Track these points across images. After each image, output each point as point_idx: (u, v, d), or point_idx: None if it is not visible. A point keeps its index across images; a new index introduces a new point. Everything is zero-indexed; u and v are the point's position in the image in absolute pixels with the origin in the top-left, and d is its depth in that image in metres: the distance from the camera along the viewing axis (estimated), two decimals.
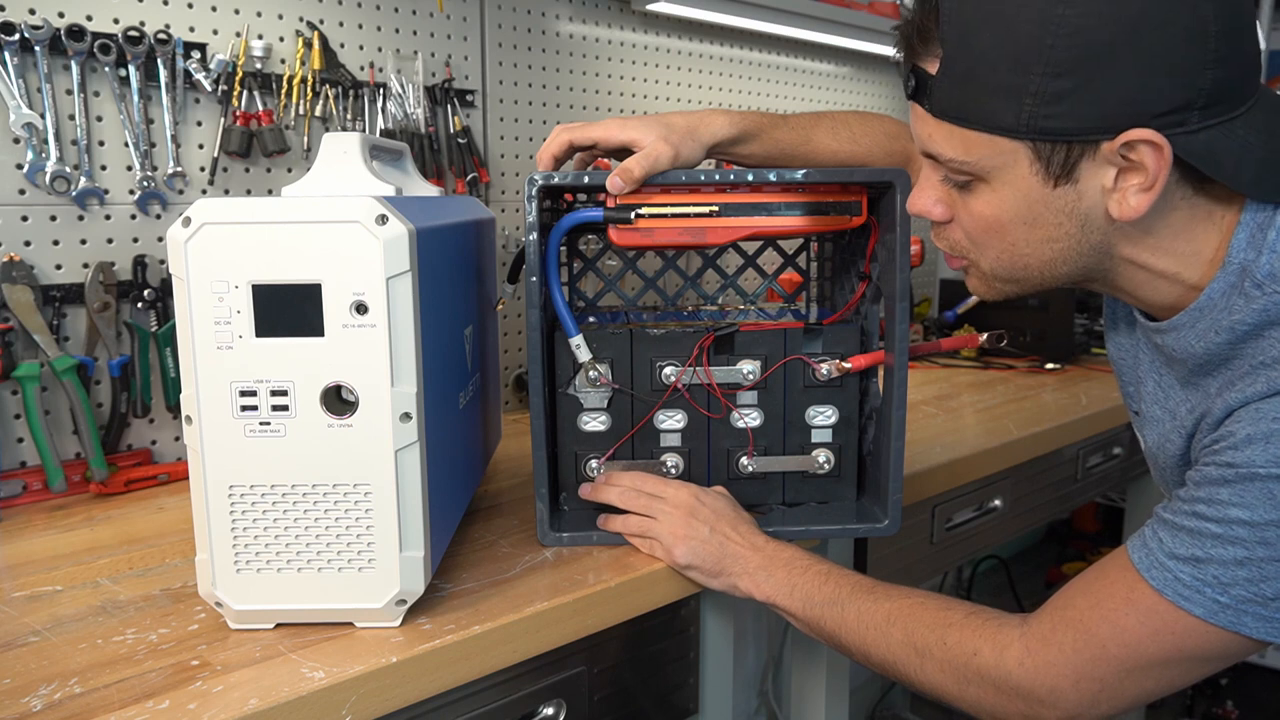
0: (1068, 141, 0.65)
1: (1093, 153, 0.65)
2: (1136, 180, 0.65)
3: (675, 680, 0.98)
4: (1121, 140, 0.63)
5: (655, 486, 0.92)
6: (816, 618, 0.84)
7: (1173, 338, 0.73)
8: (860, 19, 1.83)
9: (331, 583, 0.73)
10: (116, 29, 1.10)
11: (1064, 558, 2.82)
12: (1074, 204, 0.67)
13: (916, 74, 0.71)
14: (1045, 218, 0.68)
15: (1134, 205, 0.65)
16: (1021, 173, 0.67)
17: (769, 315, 1.10)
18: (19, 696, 0.65)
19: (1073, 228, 0.69)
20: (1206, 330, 0.69)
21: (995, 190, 0.69)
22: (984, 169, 0.69)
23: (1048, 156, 0.66)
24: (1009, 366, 1.86)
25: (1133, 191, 0.65)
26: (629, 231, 0.91)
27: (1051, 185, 0.67)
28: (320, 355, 0.70)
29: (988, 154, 0.68)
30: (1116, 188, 0.66)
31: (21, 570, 0.88)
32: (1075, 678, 0.70)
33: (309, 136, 1.26)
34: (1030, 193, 0.68)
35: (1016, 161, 0.67)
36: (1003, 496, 1.40)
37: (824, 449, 0.98)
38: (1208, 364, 0.71)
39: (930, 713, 2.21)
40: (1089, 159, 0.65)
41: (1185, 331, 0.71)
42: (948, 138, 0.70)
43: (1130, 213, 0.65)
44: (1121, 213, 0.66)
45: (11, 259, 1.05)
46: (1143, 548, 0.69)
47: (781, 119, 0.98)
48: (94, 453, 1.09)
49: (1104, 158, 0.65)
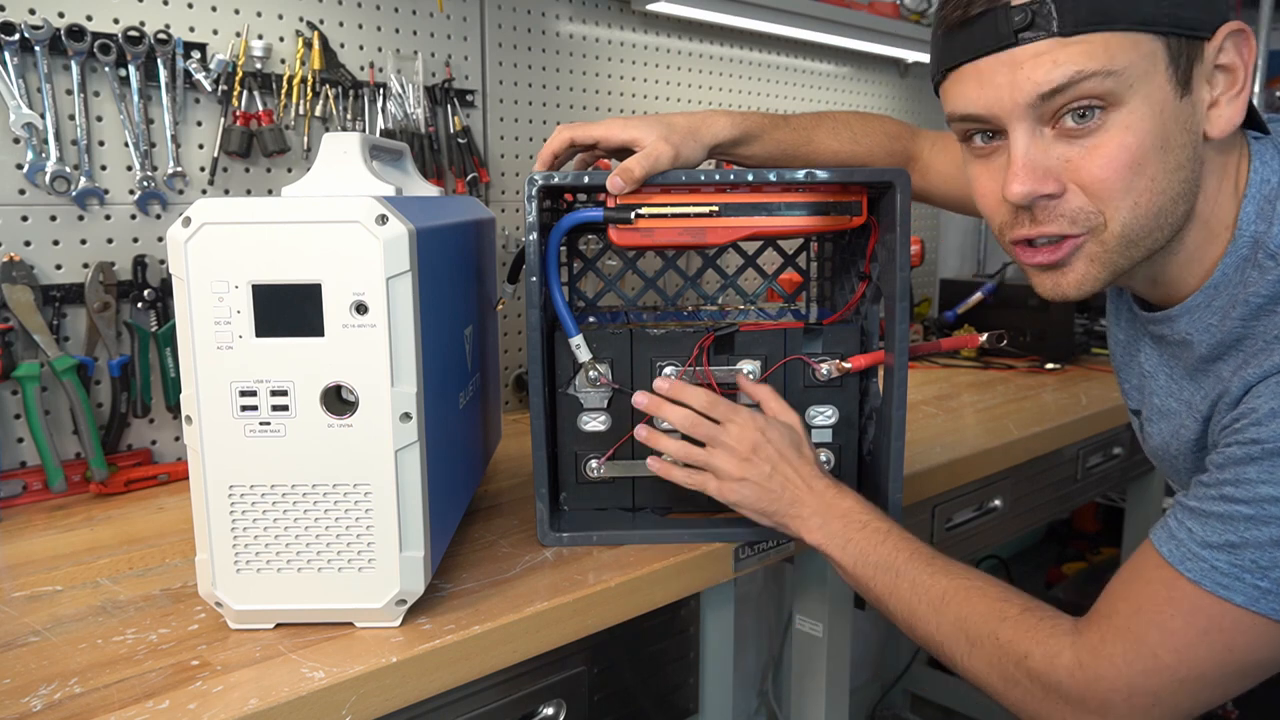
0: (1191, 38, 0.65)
1: (1200, 56, 0.66)
2: (1227, 86, 0.66)
3: (675, 680, 0.98)
4: (1222, 34, 0.65)
5: (725, 412, 0.87)
6: (867, 577, 0.81)
7: (1185, 323, 0.72)
8: (860, 19, 1.83)
9: (331, 583, 0.73)
10: (116, 29, 1.10)
11: (1064, 558, 2.82)
12: (1190, 119, 0.67)
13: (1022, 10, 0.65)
14: (1175, 138, 0.66)
15: (1229, 115, 0.67)
16: (1159, 81, 0.65)
17: (769, 315, 1.10)
18: (19, 696, 0.65)
19: (1191, 150, 0.68)
20: (1225, 308, 0.69)
21: (1132, 111, 0.65)
22: (1129, 80, 0.64)
23: (1179, 57, 0.65)
24: (1009, 366, 1.86)
25: (1226, 101, 0.66)
26: (629, 231, 0.91)
27: (1178, 95, 0.66)
28: (320, 355, 0.70)
29: (1135, 58, 0.64)
30: (1214, 100, 0.67)
31: (21, 570, 0.88)
32: (1128, 692, 0.67)
33: (309, 136, 1.26)
34: (1164, 106, 0.66)
35: (1156, 66, 0.65)
36: (1003, 496, 1.40)
37: (824, 449, 0.98)
38: (1221, 347, 0.70)
39: (930, 713, 2.21)
40: (1199, 63, 0.66)
41: (1201, 313, 0.71)
42: (1087, 53, 0.64)
43: (1225, 124, 0.67)
44: (1218, 127, 0.67)
45: (11, 259, 1.05)
46: (1171, 540, 0.66)
47: (783, 119, 0.98)
48: (94, 453, 1.09)
49: (1208, 62, 0.66)
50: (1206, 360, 0.72)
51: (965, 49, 0.69)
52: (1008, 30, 0.66)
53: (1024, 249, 0.72)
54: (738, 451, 0.85)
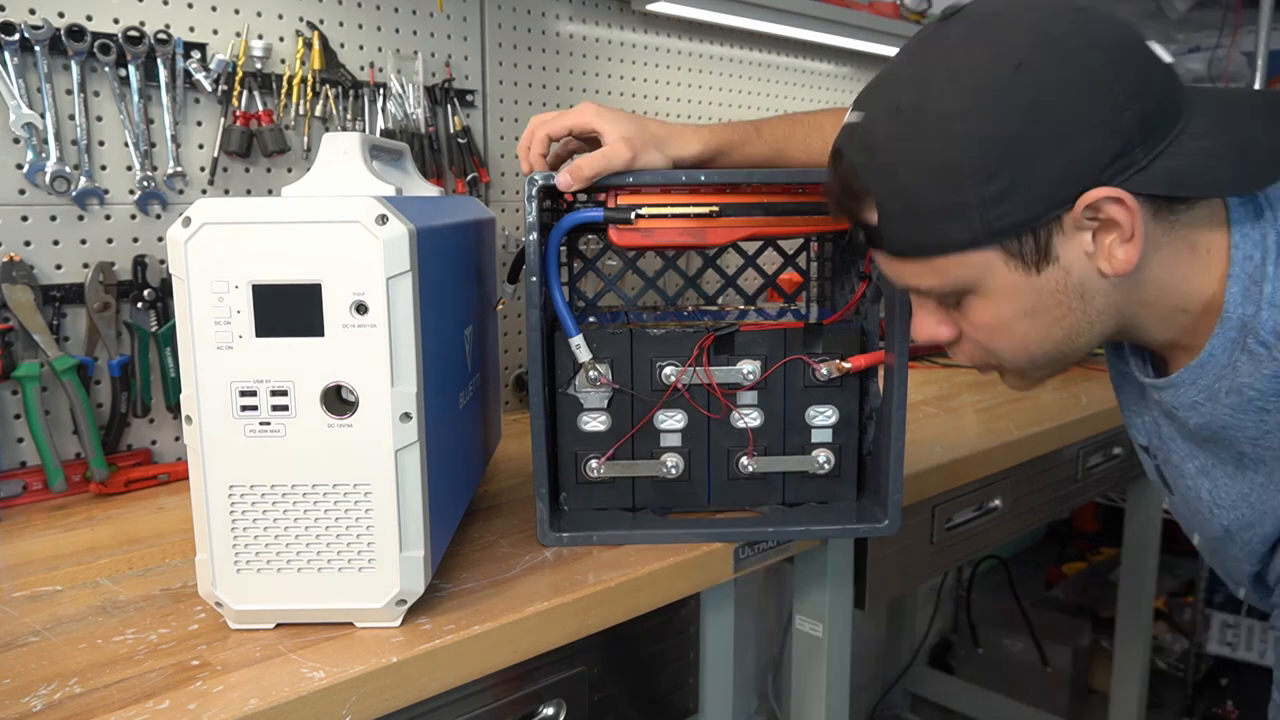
0: (1031, 230, 0.64)
1: (1059, 228, 0.64)
2: (1113, 235, 0.64)
3: (675, 680, 0.98)
4: (1081, 205, 0.62)
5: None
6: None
7: (1170, 395, 0.72)
8: (860, 19, 1.83)
9: (331, 583, 0.73)
10: (116, 29, 1.10)
11: (1064, 558, 2.82)
12: (1064, 280, 0.66)
13: (863, 227, 0.71)
14: (1043, 303, 0.68)
15: (1123, 259, 0.64)
16: (1001, 275, 0.66)
17: (769, 315, 1.10)
18: (19, 696, 0.65)
19: (1074, 302, 0.68)
20: (1210, 389, 0.68)
21: (985, 296, 0.69)
22: (966, 284, 0.68)
23: (1019, 251, 0.65)
24: None
25: (1116, 246, 0.64)
26: (629, 231, 0.90)
27: (1035, 272, 0.66)
28: (320, 355, 0.70)
29: (962, 272, 0.67)
30: (1098, 248, 0.65)
31: (21, 570, 0.88)
32: None
33: (309, 136, 1.26)
34: (1019, 287, 0.67)
35: (992, 267, 0.66)
36: (1003, 496, 1.40)
37: (824, 449, 0.98)
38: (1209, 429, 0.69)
39: (930, 713, 2.21)
40: (1059, 235, 0.64)
41: (1187, 389, 0.70)
42: (918, 272, 0.70)
43: (1123, 265, 0.64)
44: (1114, 268, 0.65)
45: (11, 259, 1.05)
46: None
47: (756, 132, 0.98)
48: (94, 453, 1.09)
49: (1073, 226, 0.64)
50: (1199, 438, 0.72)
51: None
52: (859, 240, 0.73)
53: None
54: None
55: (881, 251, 0.71)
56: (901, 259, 0.70)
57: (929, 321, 0.75)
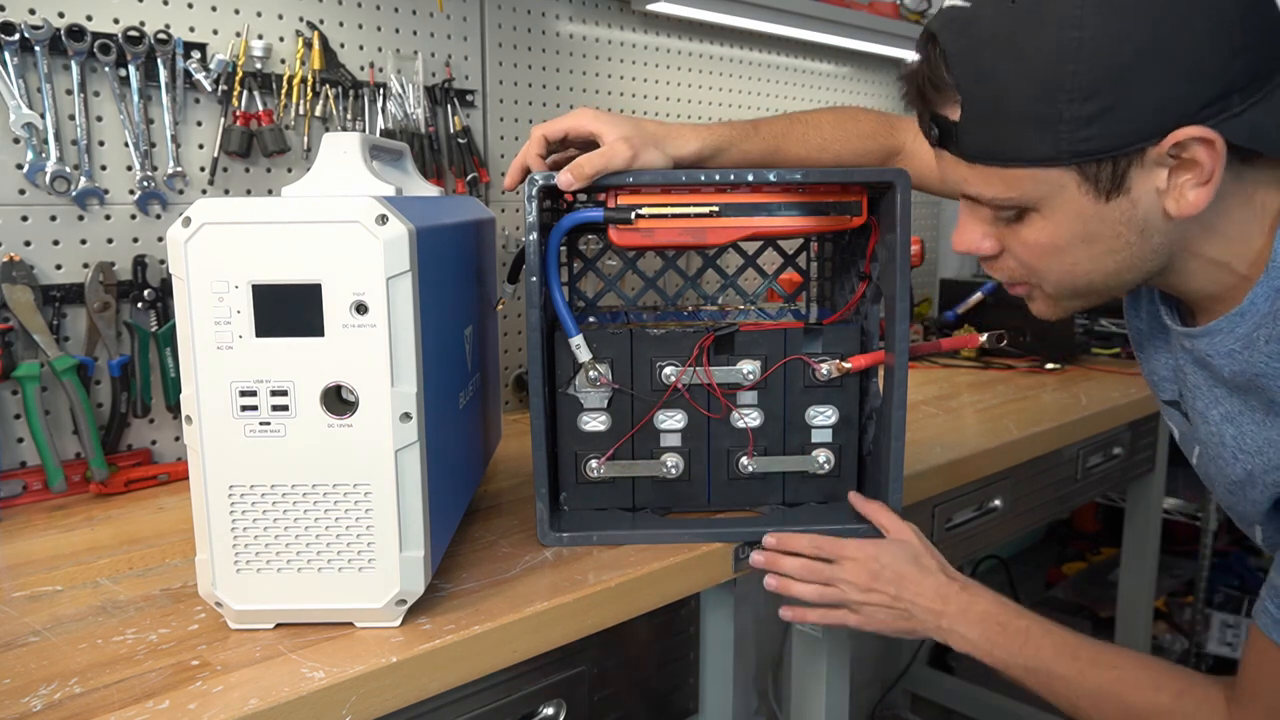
0: (1113, 157, 0.63)
1: (1140, 160, 0.63)
2: (1189, 176, 0.63)
3: (675, 680, 0.98)
4: (1170, 142, 0.62)
5: (832, 550, 0.90)
6: (1019, 678, 0.84)
7: (1206, 343, 0.71)
8: (860, 19, 1.83)
9: (331, 583, 0.73)
10: (116, 29, 1.10)
11: (1064, 558, 2.82)
12: (1129, 213, 0.66)
13: (938, 122, 0.69)
14: (1103, 232, 0.67)
15: (1193, 201, 0.64)
16: (1071, 196, 0.66)
17: (769, 315, 1.10)
18: (19, 696, 0.65)
19: (1132, 236, 0.67)
20: (1248, 338, 0.67)
21: (1047, 217, 0.68)
22: (1032, 200, 0.67)
23: (1094, 176, 0.64)
24: (1009, 366, 1.86)
25: (1189, 187, 0.63)
26: (629, 231, 0.91)
27: (1104, 200, 0.65)
28: (320, 355, 0.70)
29: (1033, 187, 0.66)
30: (1170, 187, 0.64)
31: (21, 570, 0.88)
32: None
33: (309, 136, 1.26)
34: (1084, 212, 0.66)
35: (1064, 187, 0.65)
36: (1003, 496, 1.40)
37: (824, 449, 0.98)
38: (1245, 375, 0.69)
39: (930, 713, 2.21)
40: (1138, 167, 0.64)
41: (1224, 336, 0.69)
42: (986, 179, 0.68)
43: (1190, 208, 0.64)
44: (1180, 210, 0.64)
45: (11, 259, 1.05)
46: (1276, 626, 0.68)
47: (753, 129, 0.98)
48: (94, 453, 1.09)
49: (1153, 161, 0.63)
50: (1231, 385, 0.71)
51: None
52: (932, 135, 0.71)
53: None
54: (858, 585, 0.88)
55: (950, 153, 0.69)
56: (972, 163, 0.68)
57: (975, 233, 0.73)
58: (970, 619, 0.86)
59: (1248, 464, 0.72)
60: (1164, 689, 0.77)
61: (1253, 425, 0.71)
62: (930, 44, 0.68)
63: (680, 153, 0.92)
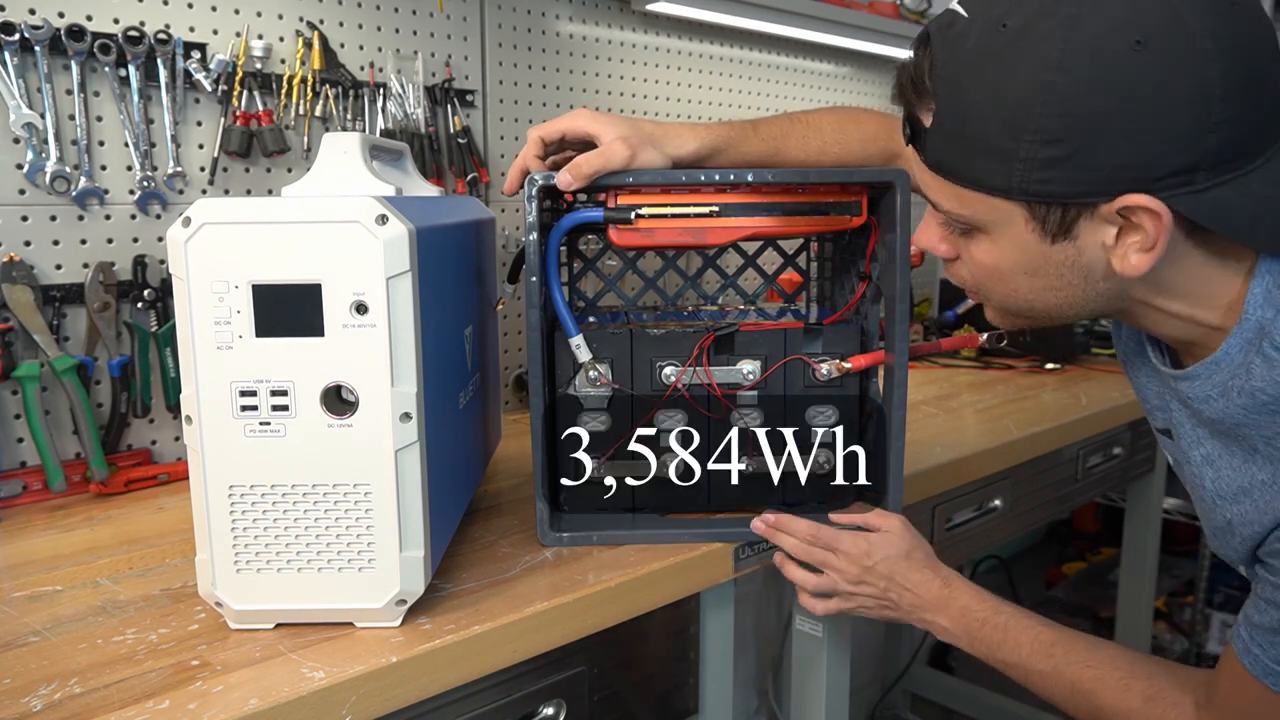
0: (1063, 204, 0.63)
1: (1090, 213, 0.63)
2: (1137, 239, 0.63)
3: (675, 680, 0.98)
4: (1118, 205, 0.61)
5: (827, 540, 0.92)
6: (1001, 670, 0.88)
7: (1187, 386, 0.71)
8: (860, 19, 1.83)
9: (331, 583, 0.73)
10: (116, 29, 1.10)
11: (1064, 558, 2.82)
12: (1074, 258, 0.66)
13: (912, 123, 0.70)
14: (1046, 270, 0.68)
15: (1135, 264, 0.63)
16: (1018, 230, 0.66)
17: (769, 315, 1.10)
18: (19, 696, 0.65)
19: (1075, 279, 0.68)
20: (1224, 386, 0.67)
21: (994, 241, 0.69)
22: (981, 223, 0.68)
23: (1043, 217, 0.64)
24: (1009, 366, 1.86)
25: (1133, 250, 0.63)
26: (629, 231, 0.91)
27: (1049, 242, 0.66)
28: (320, 355, 0.70)
29: (982, 210, 0.67)
30: (1117, 245, 0.64)
31: (21, 570, 0.88)
32: None
33: (309, 136, 1.26)
34: (1028, 248, 0.67)
35: (1012, 219, 0.66)
36: (1003, 496, 1.40)
37: (824, 449, 0.98)
38: (1221, 424, 0.69)
39: (930, 713, 2.21)
40: (1087, 218, 0.64)
41: (1202, 382, 0.69)
42: (942, 190, 0.69)
43: (1132, 271, 0.64)
44: (1124, 270, 0.64)
45: (11, 259, 1.05)
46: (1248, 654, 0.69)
47: (753, 129, 0.98)
48: (94, 453, 1.09)
49: (1102, 218, 0.63)
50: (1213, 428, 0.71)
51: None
52: (906, 133, 0.72)
53: None
54: (849, 577, 0.92)
55: (918, 154, 0.70)
56: (933, 171, 0.69)
57: (933, 235, 0.75)
58: (952, 613, 0.89)
59: (1226, 512, 0.72)
60: (1133, 691, 0.79)
61: (1230, 470, 0.71)
62: (923, 47, 0.68)
63: (678, 152, 0.92)
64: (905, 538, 0.92)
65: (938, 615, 0.90)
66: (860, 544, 0.91)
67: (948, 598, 0.89)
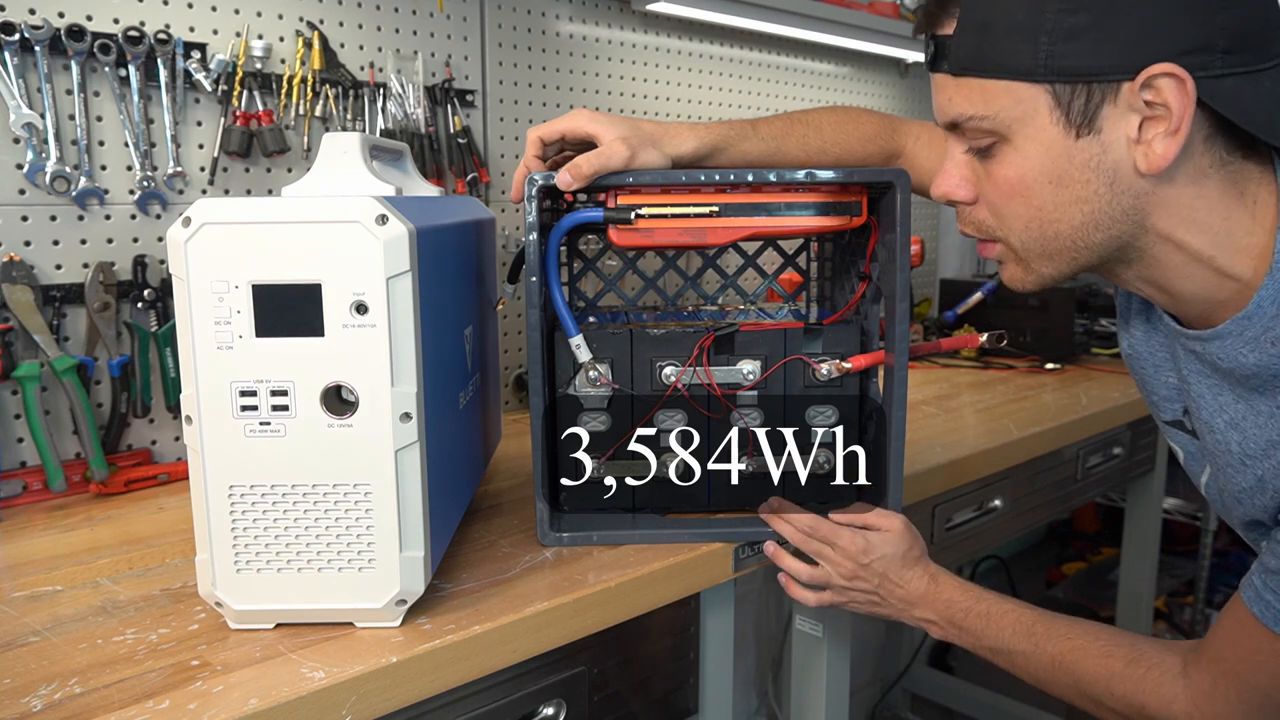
0: (1087, 82, 0.64)
1: (1114, 97, 0.64)
2: (1160, 128, 0.64)
3: (675, 680, 0.98)
4: (1143, 78, 0.63)
5: (825, 534, 0.93)
6: (989, 659, 0.89)
7: (1216, 346, 0.70)
8: (860, 19, 1.83)
9: (331, 583, 0.73)
10: (116, 29, 1.10)
11: (1064, 558, 2.82)
12: (1099, 157, 0.66)
13: (935, 41, 0.71)
14: (1071, 174, 0.67)
15: (1160, 152, 0.64)
16: (1043, 123, 0.66)
17: (769, 315, 1.10)
18: (19, 696, 0.65)
19: (1101, 185, 0.67)
20: (1256, 339, 0.67)
21: (1018, 148, 0.68)
22: (1005, 122, 0.68)
23: (1068, 102, 0.65)
24: (1009, 366, 1.86)
25: (1159, 138, 0.64)
26: (629, 231, 0.91)
27: (1074, 136, 0.66)
28: (320, 355, 0.70)
29: (1008, 104, 0.67)
30: (1141, 138, 0.65)
31: (21, 570, 0.88)
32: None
33: (309, 136, 1.26)
34: (1053, 146, 0.67)
35: (1037, 110, 0.66)
36: (1003, 496, 1.40)
37: (824, 449, 0.98)
38: (1257, 378, 0.68)
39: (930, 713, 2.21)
40: (1110, 104, 0.64)
41: (1233, 340, 0.69)
42: (967, 94, 0.69)
43: (1158, 160, 0.64)
44: (1150, 164, 0.64)
45: (11, 259, 1.05)
46: (1259, 601, 0.69)
47: (753, 129, 0.98)
48: (94, 453, 1.09)
49: (1126, 103, 0.64)
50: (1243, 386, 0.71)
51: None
52: (930, 56, 0.73)
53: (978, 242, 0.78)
54: (844, 573, 0.93)
55: (941, 71, 0.71)
56: (957, 78, 0.70)
57: (953, 178, 0.75)
58: (937, 607, 0.90)
59: (1257, 470, 0.71)
60: (1116, 656, 0.80)
61: (1256, 428, 0.71)
62: None
63: (678, 152, 0.92)
64: (905, 538, 0.92)
65: (925, 610, 0.91)
66: (859, 541, 0.91)
67: (933, 592, 0.90)
